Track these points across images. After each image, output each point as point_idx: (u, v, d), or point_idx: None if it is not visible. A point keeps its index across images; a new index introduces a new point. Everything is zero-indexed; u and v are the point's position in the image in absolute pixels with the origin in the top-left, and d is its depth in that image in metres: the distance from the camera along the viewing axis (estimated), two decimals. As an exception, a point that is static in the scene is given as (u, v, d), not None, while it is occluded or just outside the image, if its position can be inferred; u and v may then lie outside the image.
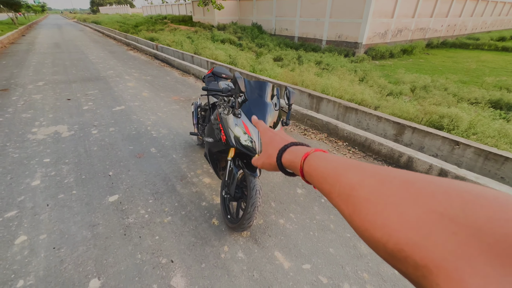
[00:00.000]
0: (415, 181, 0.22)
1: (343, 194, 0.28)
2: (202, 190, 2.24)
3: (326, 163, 0.33)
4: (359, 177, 0.27)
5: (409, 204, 0.21)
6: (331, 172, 0.31)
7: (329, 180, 0.31)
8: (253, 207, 1.56)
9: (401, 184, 0.23)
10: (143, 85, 5.45)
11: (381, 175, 0.25)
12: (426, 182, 0.21)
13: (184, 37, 12.77)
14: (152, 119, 3.71)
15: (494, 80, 7.52)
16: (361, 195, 0.25)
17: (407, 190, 0.22)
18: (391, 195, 0.22)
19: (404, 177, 0.23)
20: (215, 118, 1.81)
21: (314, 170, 0.34)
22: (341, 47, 12.51)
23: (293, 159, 0.40)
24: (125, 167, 2.53)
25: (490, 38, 16.57)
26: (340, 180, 0.29)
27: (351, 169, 0.29)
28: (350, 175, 0.28)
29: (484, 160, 2.70)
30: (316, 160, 0.36)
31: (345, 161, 0.32)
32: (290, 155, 0.41)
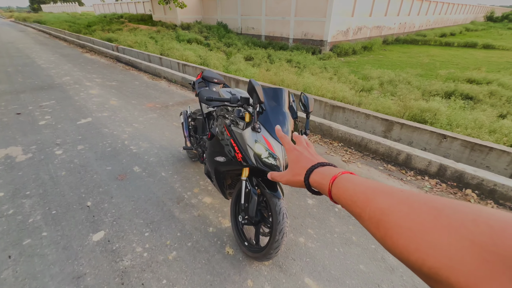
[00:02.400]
0: (443, 208, 0.24)
1: (373, 218, 0.29)
2: (205, 213, 1.96)
3: (355, 186, 0.35)
4: (389, 203, 0.29)
5: (440, 232, 0.22)
6: (361, 196, 0.33)
7: (359, 204, 0.32)
8: (282, 234, 1.36)
9: (429, 211, 0.25)
10: (109, 92, 4.86)
11: (410, 201, 0.27)
12: (453, 210, 0.23)
13: (147, 37, 11.91)
14: (128, 131, 3.26)
15: (445, 72, 8.27)
16: (392, 220, 0.27)
17: (436, 218, 0.23)
18: (422, 223, 0.24)
19: (431, 204, 0.25)
20: (222, 132, 1.56)
21: (343, 193, 0.36)
22: (308, 45, 12.79)
23: (320, 181, 0.41)
24: (106, 194, 2.13)
25: (434, 34, 18.38)
26: (370, 204, 0.31)
27: (380, 194, 0.31)
28: (380, 200, 0.30)
29: (470, 151, 2.83)
30: (344, 183, 0.37)
31: (373, 184, 0.33)
32: (317, 176, 0.42)
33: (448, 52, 13.63)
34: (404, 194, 0.28)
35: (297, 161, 0.48)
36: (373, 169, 2.66)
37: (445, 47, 15.89)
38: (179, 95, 4.82)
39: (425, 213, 0.24)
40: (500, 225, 0.19)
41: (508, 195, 2.19)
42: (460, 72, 8.05)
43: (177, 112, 3.95)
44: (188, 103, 4.37)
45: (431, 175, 2.56)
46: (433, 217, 0.23)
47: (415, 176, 2.56)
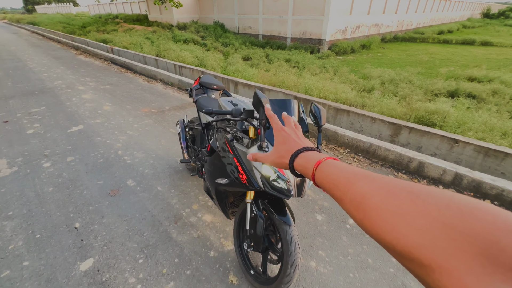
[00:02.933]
0: (419, 193, 0.26)
1: (354, 201, 0.31)
2: (205, 234, 1.79)
3: (338, 171, 0.36)
4: (369, 187, 0.30)
5: (416, 215, 0.24)
6: (343, 180, 0.34)
7: (341, 188, 0.34)
8: (294, 267, 1.19)
9: (407, 195, 0.26)
10: (103, 96, 4.66)
11: (389, 186, 0.29)
12: (429, 195, 0.25)
13: (142, 38, 11.68)
14: (122, 140, 3.08)
15: (446, 71, 8.15)
16: (372, 204, 0.29)
17: (413, 201, 0.25)
18: (399, 206, 0.26)
19: (409, 189, 0.27)
20: (224, 148, 1.38)
21: (326, 177, 0.37)
22: (306, 44, 12.63)
23: (305, 165, 0.42)
24: (96, 213, 1.95)
25: (432, 32, 18.28)
26: (351, 188, 0.32)
27: (361, 179, 0.32)
28: (361, 184, 0.31)
29: (484, 157, 2.67)
30: (328, 167, 0.38)
31: (356, 170, 0.35)
32: (302, 161, 0.43)
33: (446, 50, 13.52)
34: (384, 180, 0.30)
35: (283, 143, 0.48)
36: (383, 178, 2.50)
37: (444, 44, 15.77)
38: (176, 98, 4.63)
39: (403, 197, 0.26)
40: (469, 209, 0.21)
41: (531, 206, 2.04)
42: (460, 70, 7.92)
43: (174, 117, 3.77)
44: (185, 107, 4.18)
45: (445, 184, 2.41)
46: (410, 201, 0.25)
47: (428, 185, 2.40)
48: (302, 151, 0.44)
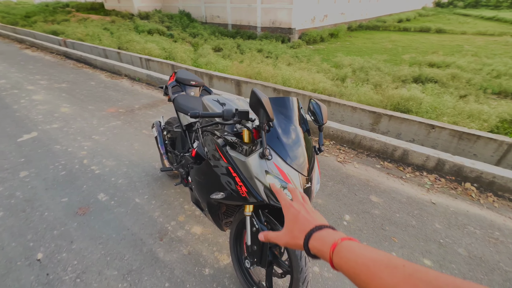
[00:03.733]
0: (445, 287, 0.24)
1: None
2: (196, 249, 1.61)
3: (356, 257, 0.34)
4: (392, 280, 0.29)
5: None
6: (363, 269, 0.33)
7: (362, 277, 0.32)
8: (306, 283, 1.08)
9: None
10: (58, 96, 4.09)
11: (414, 280, 0.27)
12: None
13: (100, 29, 10.61)
14: (86, 146, 2.70)
15: (408, 57, 8.60)
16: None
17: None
18: None
19: (436, 284, 0.25)
20: (215, 155, 1.20)
21: (345, 264, 0.35)
22: (277, 34, 12.52)
23: (320, 248, 0.40)
24: (63, 238, 1.65)
25: (393, 20, 19.21)
26: (374, 281, 0.31)
27: (383, 269, 0.31)
28: (383, 276, 0.30)
29: (458, 140, 2.80)
30: (345, 253, 0.36)
31: (374, 255, 0.33)
32: (317, 243, 0.41)
33: (407, 37, 14.26)
34: (406, 270, 0.29)
35: (294, 221, 0.47)
36: (370, 168, 2.51)
37: (403, 32, 16.64)
38: (145, 95, 4.23)
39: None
40: None
41: (507, 186, 2.16)
42: (421, 57, 8.40)
43: (146, 117, 3.43)
44: (158, 105, 3.83)
45: (429, 170, 2.48)
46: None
47: (413, 173, 2.45)
48: (315, 230, 0.42)
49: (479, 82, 5.69)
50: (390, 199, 2.10)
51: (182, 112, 1.72)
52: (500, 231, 1.82)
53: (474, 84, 5.61)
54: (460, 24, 19.16)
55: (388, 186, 2.25)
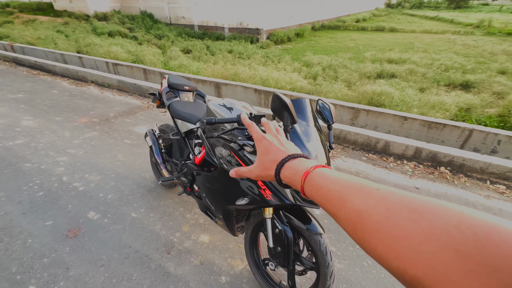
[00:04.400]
0: (423, 211, 0.22)
1: (349, 220, 0.28)
2: (208, 258, 1.57)
3: (328, 183, 0.33)
4: (365, 203, 0.27)
5: (422, 238, 0.21)
6: (335, 194, 0.31)
7: (333, 203, 0.31)
8: (333, 277, 1.12)
9: (409, 214, 0.23)
10: (16, 108, 3.65)
11: (387, 202, 0.26)
12: (434, 213, 0.22)
13: (52, 32, 9.67)
14: (63, 162, 2.45)
15: (369, 55, 9.26)
16: (370, 224, 0.25)
17: (417, 222, 0.22)
18: (402, 228, 0.23)
19: (411, 206, 0.23)
20: (231, 162, 1.18)
21: (316, 191, 0.34)
22: (245, 34, 12.58)
23: (292, 177, 0.39)
24: (56, 265, 1.49)
25: (351, 20, 20.49)
26: (345, 205, 0.29)
27: (355, 193, 0.29)
28: (355, 200, 0.28)
29: (428, 129, 3.11)
30: (317, 179, 0.35)
31: (347, 181, 0.31)
32: (288, 172, 0.40)
33: (365, 36, 15.29)
34: (380, 193, 0.27)
35: (266, 153, 0.45)
36: (358, 161, 2.66)
37: (362, 31, 17.80)
38: (119, 103, 3.97)
39: (405, 217, 0.23)
40: (484, 232, 0.19)
41: (474, 167, 2.46)
42: (380, 54, 9.08)
43: (124, 125, 3.22)
44: (135, 112, 3.62)
45: (408, 158, 2.71)
46: (413, 222, 0.22)
47: (395, 162, 2.66)
48: (287, 160, 0.41)
49: (432, 76, 6.34)
50: (380, 188, 2.25)
51: (180, 118, 1.66)
52: (474, 207, 2.06)
53: (429, 78, 6.24)
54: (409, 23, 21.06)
55: (377, 176, 2.42)
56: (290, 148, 0.44)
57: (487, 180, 2.38)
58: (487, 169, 2.40)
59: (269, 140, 0.46)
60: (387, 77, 6.35)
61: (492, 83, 5.58)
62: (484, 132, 2.81)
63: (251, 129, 0.50)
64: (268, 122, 0.52)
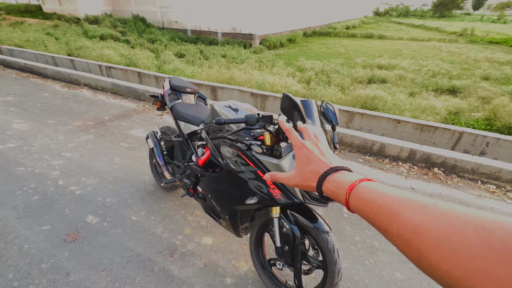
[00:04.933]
0: (493, 228, 0.21)
1: (403, 236, 0.26)
2: (212, 260, 1.56)
3: (377, 197, 0.31)
4: (421, 219, 0.25)
5: (495, 259, 0.19)
6: (385, 209, 0.29)
7: (383, 218, 0.29)
8: (340, 275, 1.14)
9: (476, 231, 0.21)
10: (6, 111, 3.54)
11: (449, 218, 0.24)
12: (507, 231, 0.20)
13: (41, 34, 9.48)
14: (58, 165, 2.39)
15: (360, 60, 9.51)
16: (429, 241, 0.24)
17: (487, 241, 0.20)
18: (469, 246, 0.21)
19: (478, 223, 0.22)
20: (237, 161, 1.20)
21: (363, 205, 0.33)
22: (238, 39, 12.70)
23: (336, 190, 0.37)
24: (55, 271, 1.45)
25: (342, 27, 21.02)
26: (398, 219, 0.27)
27: (408, 207, 0.27)
28: (410, 215, 0.27)
29: (420, 132, 3.21)
30: (364, 193, 0.33)
31: (398, 195, 0.30)
32: (332, 185, 0.38)
33: (355, 43, 15.69)
34: (438, 209, 0.25)
35: (307, 162, 0.43)
36: (355, 163, 2.71)
37: (352, 38, 18.27)
38: (113, 106, 3.91)
39: (471, 234, 0.21)
40: None
41: (465, 168, 2.55)
42: (370, 60, 9.34)
43: (120, 128, 3.18)
44: (131, 115, 3.58)
45: (403, 160, 2.78)
46: (482, 240, 0.20)
47: (391, 163, 2.73)
48: (329, 172, 0.39)
49: (421, 81, 6.56)
50: (378, 189, 2.31)
51: (183, 120, 1.66)
52: (467, 205, 2.14)
53: (418, 83, 6.45)
54: (396, 31, 21.78)
55: (374, 177, 2.47)
56: (331, 159, 0.43)
57: (478, 180, 2.47)
58: (478, 170, 2.50)
59: (309, 149, 0.44)
60: (378, 82, 6.52)
61: (477, 88, 5.82)
62: (474, 134, 2.93)
63: (290, 135, 0.47)
64: (306, 128, 0.50)
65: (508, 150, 2.85)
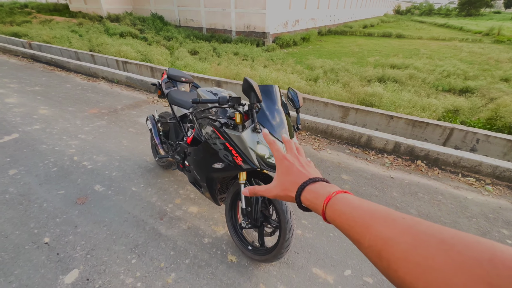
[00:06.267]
0: (453, 242, 0.22)
1: (374, 247, 0.28)
2: (195, 224, 1.82)
3: (351, 209, 0.33)
4: (391, 231, 0.27)
5: (454, 270, 0.21)
6: (358, 220, 0.31)
7: (357, 229, 0.31)
8: (291, 232, 1.36)
9: (438, 245, 0.23)
10: (33, 99, 4.00)
11: (414, 231, 0.25)
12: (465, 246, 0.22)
13: (67, 31, 10.19)
14: (74, 145, 2.76)
15: (373, 60, 9.43)
16: (396, 252, 0.25)
17: (447, 254, 0.22)
18: (431, 258, 0.22)
19: (440, 236, 0.23)
20: (212, 135, 1.44)
21: (339, 216, 0.34)
22: (251, 37, 12.90)
23: (314, 200, 0.38)
24: (67, 224, 1.77)
25: (358, 26, 20.68)
26: (370, 231, 0.29)
27: (380, 220, 0.29)
28: (380, 228, 0.28)
29: (412, 127, 3.30)
30: (340, 205, 0.35)
31: (372, 208, 0.31)
32: (310, 195, 0.39)
33: (371, 42, 15.45)
34: (406, 222, 0.27)
35: (287, 173, 0.44)
36: (341, 153, 2.88)
37: (368, 37, 17.96)
38: (126, 97, 4.29)
39: (433, 247, 0.23)
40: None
41: (448, 161, 2.65)
42: (384, 59, 9.25)
43: (130, 116, 3.52)
44: (141, 105, 3.93)
45: (388, 152, 2.91)
46: (443, 252, 0.22)
47: (376, 155, 2.87)
48: (308, 183, 0.40)
49: (432, 81, 6.47)
50: (358, 176, 2.47)
51: (176, 105, 1.93)
52: (442, 195, 2.26)
53: (428, 82, 6.38)
54: (417, 30, 21.12)
55: (356, 167, 2.63)
56: (311, 171, 0.44)
57: (459, 173, 2.56)
58: (459, 163, 2.59)
59: (290, 161, 0.45)
60: (388, 81, 6.51)
61: (491, 89, 5.68)
62: (464, 131, 2.99)
63: (273, 147, 0.49)
64: (289, 140, 0.52)
65: (498, 147, 2.90)
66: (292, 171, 0.44)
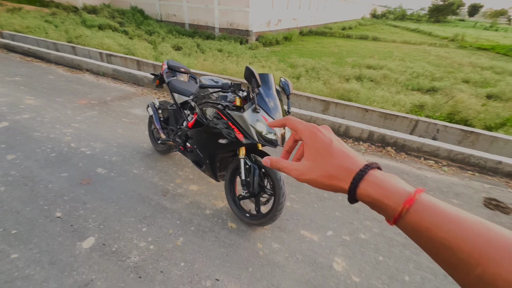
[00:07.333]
0: None
1: (490, 286, 0.20)
2: (196, 199, 2.02)
3: (455, 226, 0.23)
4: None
5: None
6: (465, 247, 0.22)
7: (460, 256, 0.22)
8: (284, 197, 1.62)
9: None
10: (17, 89, 3.92)
11: None
12: None
13: (40, 21, 9.70)
14: (69, 133, 2.81)
15: (351, 60, 10.02)
16: None
17: None
18: None
19: None
20: (217, 117, 1.66)
21: (427, 230, 0.24)
22: (235, 35, 13.03)
23: (380, 199, 0.27)
24: (75, 201, 1.89)
25: (338, 27, 21.54)
26: (484, 264, 0.21)
27: (502, 252, 0.20)
28: (506, 265, 0.20)
29: (384, 120, 3.72)
30: (427, 214, 0.25)
31: (482, 229, 0.22)
32: (375, 190, 0.28)
33: (349, 43, 16.19)
34: None
35: (326, 153, 0.32)
36: (323, 141, 3.20)
37: (347, 38, 18.77)
38: (114, 89, 4.32)
39: None
40: None
41: (412, 147, 3.07)
42: (361, 60, 9.86)
43: (121, 107, 3.60)
44: (130, 97, 4.00)
45: (363, 140, 3.28)
46: None
47: (353, 143, 3.23)
48: (366, 171, 0.29)
49: (403, 81, 7.08)
50: (337, 160, 2.80)
51: (177, 92, 2.12)
52: (407, 175, 2.65)
53: (400, 82, 6.98)
54: (391, 33, 22.40)
55: (336, 152, 2.96)
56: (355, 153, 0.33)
57: (421, 157, 2.99)
58: (422, 148, 3.02)
59: (327, 136, 0.34)
60: (364, 80, 7.01)
61: (454, 89, 6.36)
62: (427, 122, 3.45)
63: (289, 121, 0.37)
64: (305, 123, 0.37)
65: (454, 136, 3.38)
66: (333, 150, 0.32)
